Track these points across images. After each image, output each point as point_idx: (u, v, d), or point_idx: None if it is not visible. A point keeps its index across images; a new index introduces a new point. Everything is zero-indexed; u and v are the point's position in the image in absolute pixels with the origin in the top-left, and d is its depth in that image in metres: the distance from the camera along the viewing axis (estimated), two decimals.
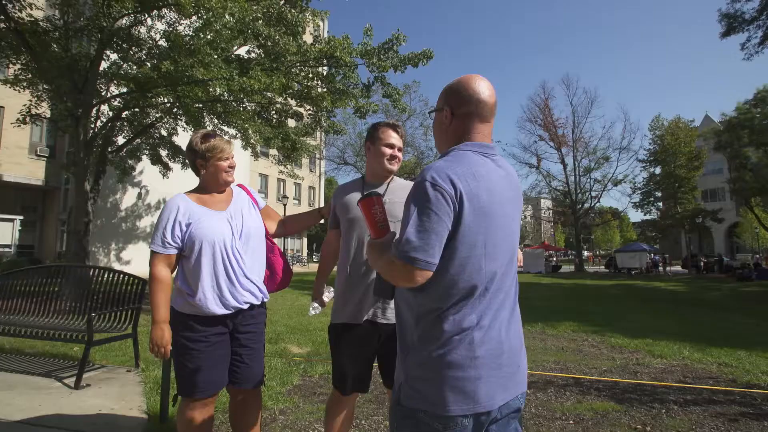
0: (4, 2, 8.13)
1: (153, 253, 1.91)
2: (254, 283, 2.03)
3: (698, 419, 3.21)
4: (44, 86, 9.95)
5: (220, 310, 1.92)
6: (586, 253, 48.62)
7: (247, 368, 2.02)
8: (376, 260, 1.29)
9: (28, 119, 10.06)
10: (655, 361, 5.08)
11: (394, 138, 2.03)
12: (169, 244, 1.90)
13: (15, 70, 10.18)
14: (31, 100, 10.27)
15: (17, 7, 8.48)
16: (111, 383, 3.56)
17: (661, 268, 31.49)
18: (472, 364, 1.14)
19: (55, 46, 9.07)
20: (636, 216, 72.42)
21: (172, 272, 1.95)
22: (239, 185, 2.22)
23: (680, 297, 14.03)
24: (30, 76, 9.98)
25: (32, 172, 17.12)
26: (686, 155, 33.45)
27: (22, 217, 17.52)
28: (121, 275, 4.37)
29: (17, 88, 10.49)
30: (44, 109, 10.64)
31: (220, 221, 1.98)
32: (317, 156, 30.82)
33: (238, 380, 2.02)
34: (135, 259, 18.64)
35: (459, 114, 1.28)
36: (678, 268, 36.08)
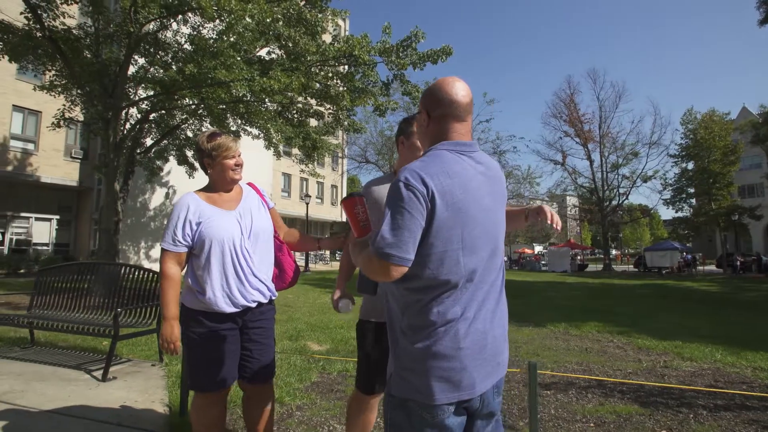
0: (39, 12, 8.50)
1: (163, 251, 1.95)
2: (263, 282, 2.06)
3: (729, 425, 3.07)
4: (77, 91, 10.37)
5: (229, 309, 1.96)
6: (614, 252, 47.27)
7: (258, 363, 2.06)
8: (357, 257, 1.36)
9: (62, 123, 10.50)
10: (685, 364, 4.90)
11: None
12: (180, 242, 1.93)
13: (50, 76, 10.65)
14: (64, 105, 10.73)
15: (51, 16, 8.86)
16: (136, 376, 3.68)
17: (698, 267, 30.27)
18: (456, 355, 1.19)
19: (86, 52, 9.45)
20: (667, 213, 70.05)
21: (181, 270, 1.99)
22: (249, 184, 2.24)
23: (714, 297, 13.46)
24: (64, 81, 10.42)
25: (68, 173, 17.87)
26: (721, 149, 31.97)
27: (58, 217, 18.34)
28: (146, 272, 4.51)
29: (52, 93, 10.96)
30: (76, 113, 11.08)
31: (229, 220, 2.00)
32: (339, 155, 31.03)
33: (248, 375, 2.06)
34: None
35: (435, 116, 1.34)
36: (713, 267, 34.66)
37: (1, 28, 8.97)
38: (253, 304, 2.02)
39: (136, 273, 4.59)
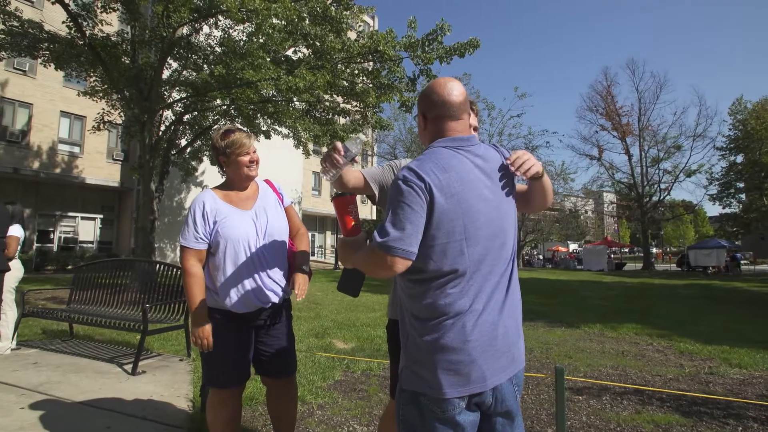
0: (80, 21, 8.93)
1: (184, 249, 1.95)
2: (277, 282, 2.04)
3: None
4: (116, 95, 10.85)
5: (242, 309, 1.96)
6: (654, 250, 45.15)
7: (276, 359, 2.07)
8: (351, 256, 1.38)
9: (101, 126, 11.01)
10: (732, 371, 4.56)
11: (471, 118, 1.86)
12: (201, 239, 1.94)
13: (91, 82, 11.20)
14: (104, 109, 11.24)
15: (90, 24, 9.28)
16: (164, 371, 3.78)
17: (741, 267, 28.45)
18: (464, 348, 1.19)
19: (124, 58, 9.86)
20: (713, 209, 66.23)
21: (203, 267, 1.99)
22: (266, 181, 2.22)
23: (766, 299, 12.57)
24: (104, 86, 10.93)
25: (110, 174, 18.75)
26: None
27: (102, 216, 19.29)
28: (175, 269, 4.63)
29: (94, 98, 11.53)
30: (115, 116, 11.60)
31: (245, 220, 1.99)
32: (368, 153, 31.08)
33: (268, 371, 2.08)
34: None
35: (431, 118, 1.38)
36: (765, 267, 32.50)
37: (48, 38, 9.50)
38: (267, 305, 2.01)
39: (164, 270, 4.72)
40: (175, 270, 4.65)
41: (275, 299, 2.03)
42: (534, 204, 1.55)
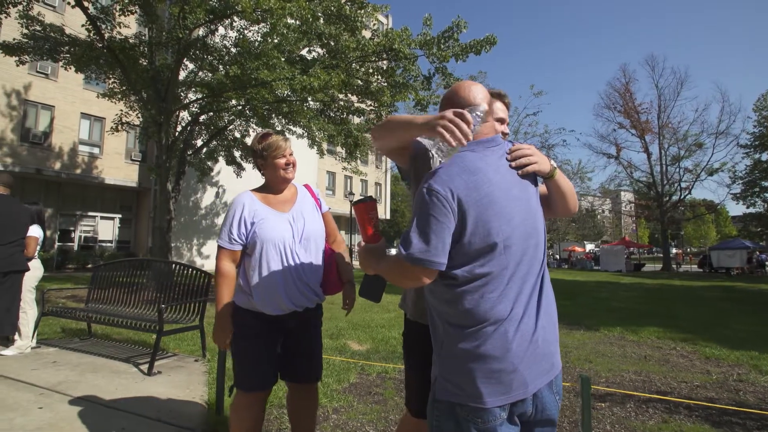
0: (98, 23, 9.07)
1: (219, 248, 1.99)
2: (310, 287, 2.03)
3: None
4: (134, 97, 11.01)
5: (275, 311, 1.96)
6: (674, 251, 44.12)
7: (303, 364, 2.07)
8: (374, 264, 1.36)
9: (119, 127, 11.18)
10: (763, 379, 4.36)
11: (501, 111, 1.70)
12: (235, 240, 1.96)
13: (110, 84, 11.39)
14: (122, 110, 11.42)
15: (109, 27, 9.43)
16: (179, 371, 3.78)
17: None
18: (506, 356, 1.16)
19: (141, 60, 9.99)
20: (737, 209, 64.40)
21: (237, 267, 2.02)
22: (305, 186, 2.23)
23: None
24: (123, 88, 11.10)
25: (128, 174, 19.08)
26: None
27: (120, 216, 19.65)
28: (191, 269, 4.64)
29: (113, 100, 11.72)
30: (132, 118, 11.78)
31: (282, 223, 2.01)
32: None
33: (293, 375, 2.09)
34: (213, 254, 20.06)
35: None
36: None
37: (68, 42, 9.69)
38: (300, 309, 2.00)
39: (180, 269, 4.74)
40: (190, 270, 4.67)
41: (308, 304, 2.02)
42: (555, 208, 1.48)
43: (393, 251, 1.99)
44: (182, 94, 11.27)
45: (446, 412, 1.21)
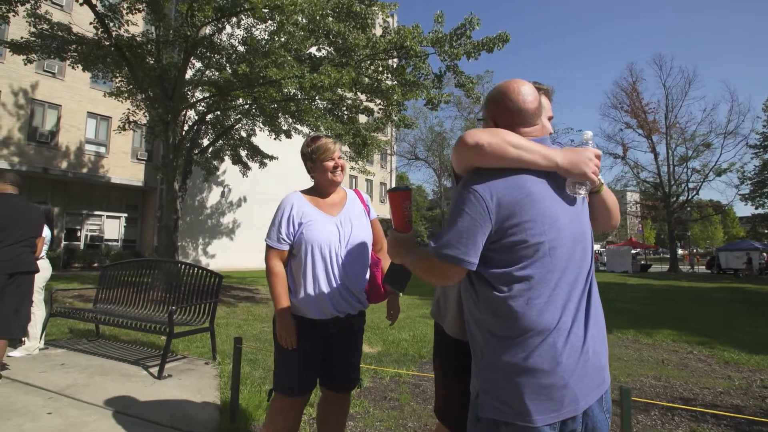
0: (106, 21, 9.03)
1: (268, 248, 1.97)
2: (354, 293, 1.98)
3: None
4: (141, 96, 10.96)
5: (317, 315, 1.92)
6: (680, 252, 43.72)
7: (342, 371, 2.04)
8: (402, 254, 1.34)
9: (126, 126, 11.14)
10: None
11: (549, 108, 1.59)
12: (283, 240, 1.95)
13: (117, 82, 11.36)
14: (129, 109, 11.38)
15: (117, 25, 9.38)
16: (190, 375, 3.70)
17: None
18: (556, 370, 1.08)
19: (148, 58, 9.94)
20: (744, 210, 63.83)
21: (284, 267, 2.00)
22: (355, 191, 2.21)
23: None
24: (130, 87, 11.05)
25: (134, 174, 19.07)
26: None
27: (126, 215, 19.64)
28: (200, 270, 4.56)
29: (120, 99, 11.68)
30: (139, 117, 11.74)
31: (329, 226, 1.98)
32: (388, 152, 30.92)
33: (330, 383, 2.06)
34: (219, 254, 20.06)
35: (503, 125, 1.26)
36: None
37: (76, 40, 9.65)
38: (342, 315, 1.96)
39: (190, 270, 4.66)
40: (197, 269, 4.59)
41: (350, 310, 1.97)
42: (597, 222, 1.36)
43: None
44: (189, 93, 11.21)
45: (490, 430, 1.12)
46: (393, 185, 38.69)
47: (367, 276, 2.05)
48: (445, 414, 1.59)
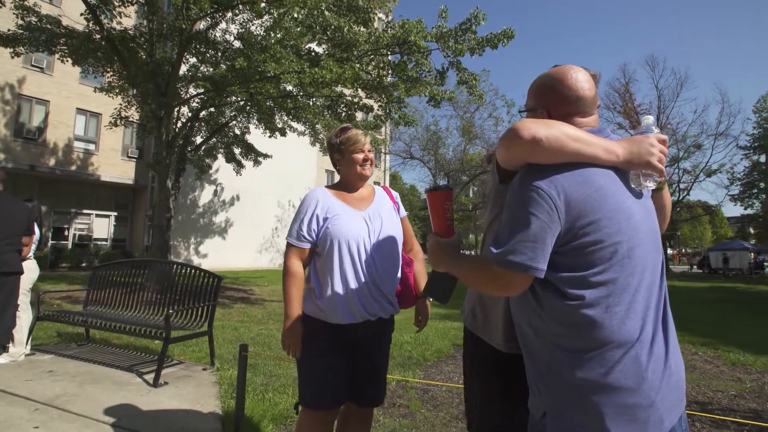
0: (98, 13, 8.75)
1: (288, 246, 1.84)
2: (385, 294, 1.81)
3: None
4: (133, 91, 10.69)
5: (346, 317, 1.75)
6: (669, 251, 44.18)
7: (368, 384, 1.87)
8: (448, 262, 1.20)
9: (118, 121, 10.85)
10: None
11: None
12: (304, 237, 1.81)
13: (108, 78, 11.07)
14: (120, 104, 11.08)
15: (109, 17, 9.11)
16: (187, 382, 3.50)
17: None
18: (641, 388, 0.96)
19: (141, 52, 9.67)
20: (733, 210, 64.73)
21: (304, 268, 1.86)
22: (383, 187, 2.07)
23: None
24: (121, 82, 10.77)
25: (124, 172, 18.69)
26: None
27: (116, 213, 19.25)
28: (197, 270, 4.36)
29: (111, 94, 11.38)
30: (131, 113, 11.45)
31: (357, 219, 1.84)
32: (383, 151, 30.70)
33: (355, 397, 1.89)
34: (211, 253, 19.74)
35: (558, 115, 1.14)
36: None
37: (65, 33, 9.35)
38: (373, 318, 1.79)
39: (186, 271, 4.46)
40: (194, 270, 4.39)
41: (381, 313, 1.80)
42: None
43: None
44: (182, 89, 10.95)
45: None
46: (387, 184, 38.54)
47: (399, 276, 1.89)
48: (470, 423, 1.45)
